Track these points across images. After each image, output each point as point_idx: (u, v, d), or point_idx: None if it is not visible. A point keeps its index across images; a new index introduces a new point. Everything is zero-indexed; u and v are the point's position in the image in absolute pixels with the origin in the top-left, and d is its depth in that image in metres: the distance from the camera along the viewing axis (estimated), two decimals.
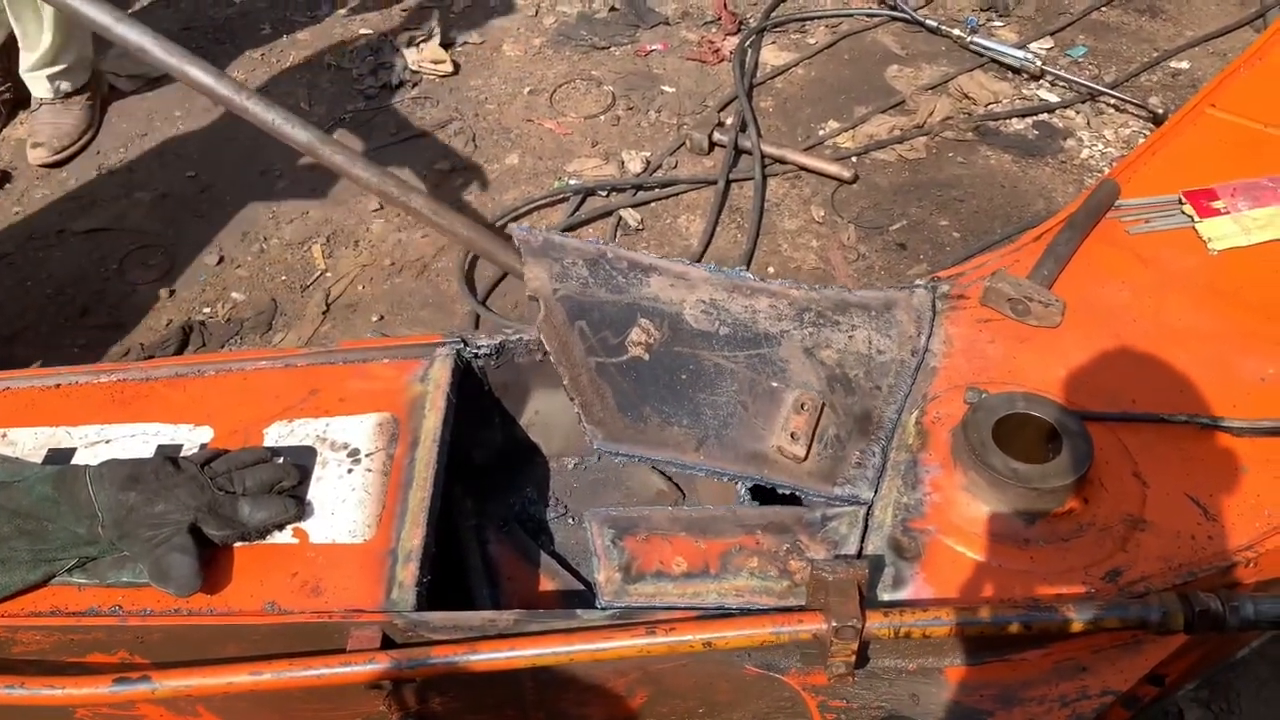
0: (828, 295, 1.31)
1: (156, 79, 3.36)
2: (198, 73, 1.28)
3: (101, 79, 3.26)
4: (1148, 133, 3.08)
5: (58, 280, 2.69)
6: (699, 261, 2.69)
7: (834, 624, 0.92)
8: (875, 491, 1.13)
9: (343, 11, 3.75)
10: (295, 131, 1.30)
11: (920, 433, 1.17)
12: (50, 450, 1.22)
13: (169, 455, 1.16)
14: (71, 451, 1.21)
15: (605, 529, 1.10)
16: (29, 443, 1.23)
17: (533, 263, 1.25)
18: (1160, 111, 3.10)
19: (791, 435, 1.15)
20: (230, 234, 2.82)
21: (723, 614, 1.01)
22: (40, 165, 3.03)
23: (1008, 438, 1.08)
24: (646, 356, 1.21)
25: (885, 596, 1.03)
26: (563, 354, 1.18)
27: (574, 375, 1.17)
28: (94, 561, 1.06)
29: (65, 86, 3.06)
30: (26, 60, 2.98)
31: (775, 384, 1.21)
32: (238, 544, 1.09)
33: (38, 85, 3.04)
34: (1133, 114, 3.15)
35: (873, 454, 1.17)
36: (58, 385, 1.30)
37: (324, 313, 2.58)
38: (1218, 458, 1.11)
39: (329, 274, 2.70)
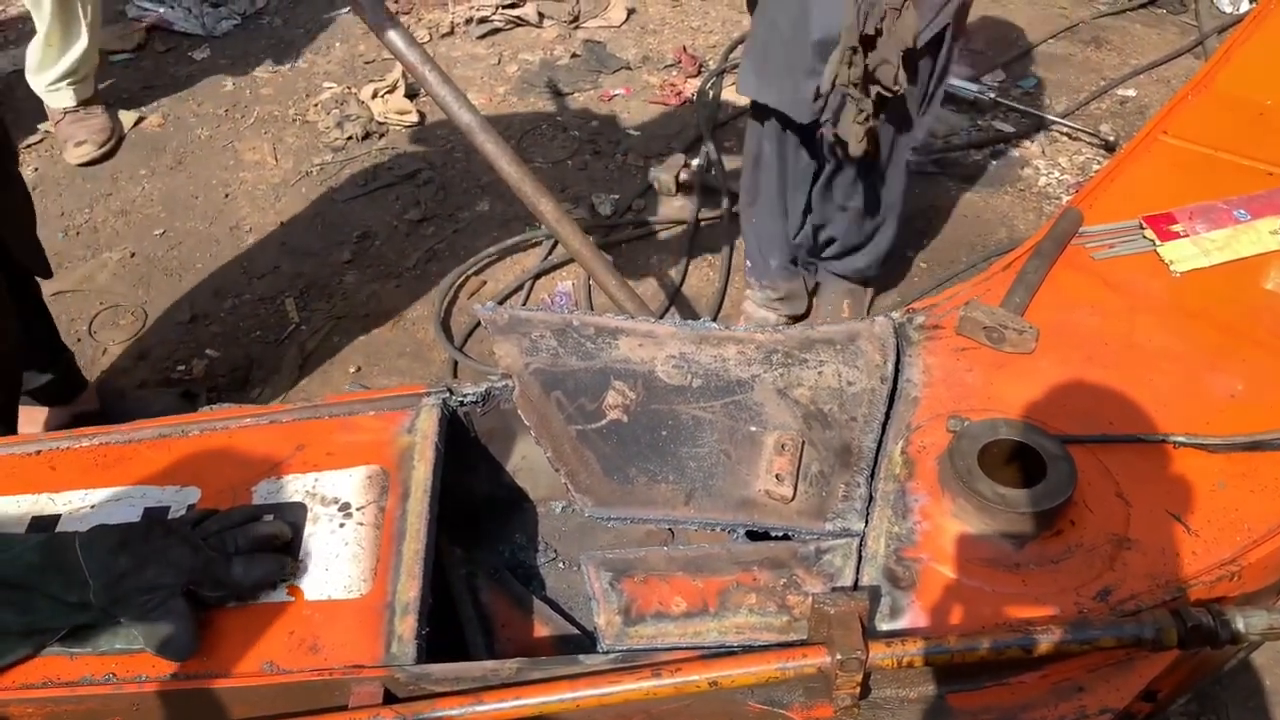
0: (792, 335, 1.34)
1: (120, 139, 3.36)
2: (394, 35, 1.55)
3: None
4: (1101, 159, 3.17)
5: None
6: (673, 301, 2.73)
7: (838, 657, 0.93)
8: (865, 522, 1.14)
9: (304, 65, 3.78)
10: (460, 112, 1.58)
11: (907, 462, 1.18)
12: (33, 518, 1.20)
13: (158, 518, 1.16)
14: (55, 519, 1.19)
15: (602, 572, 1.11)
16: (11, 512, 1.21)
17: (501, 341, 1.27)
18: (1112, 138, 3.19)
19: (776, 477, 1.16)
20: (202, 291, 2.81)
21: (726, 652, 1.01)
22: (83, 163, 3.26)
23: (992, 464, 1.10)
24: (625, 418, 1.22)
25: (884, 626, 1.04)
26: (542, 427, 1.20)
27: (556, 446, 1.19)
28: (86, 629, 1.04)
29: (86, 92, 3.30)
30: (49, 74, 3.18)
31: (754, 429, 1.22)
32: (232, 604, 1.08)
33: (60, 97, 3.25)
34: (1086, 141, 3.24)
35: (858, 485, 1.18)
36: (38, 452, 1.28)
37: (300, 366, 2.57)
38: (1196, 474, 1.14)
39: (304, 327, 2.69)
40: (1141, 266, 1.41)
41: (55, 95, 3.24)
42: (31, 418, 2.36)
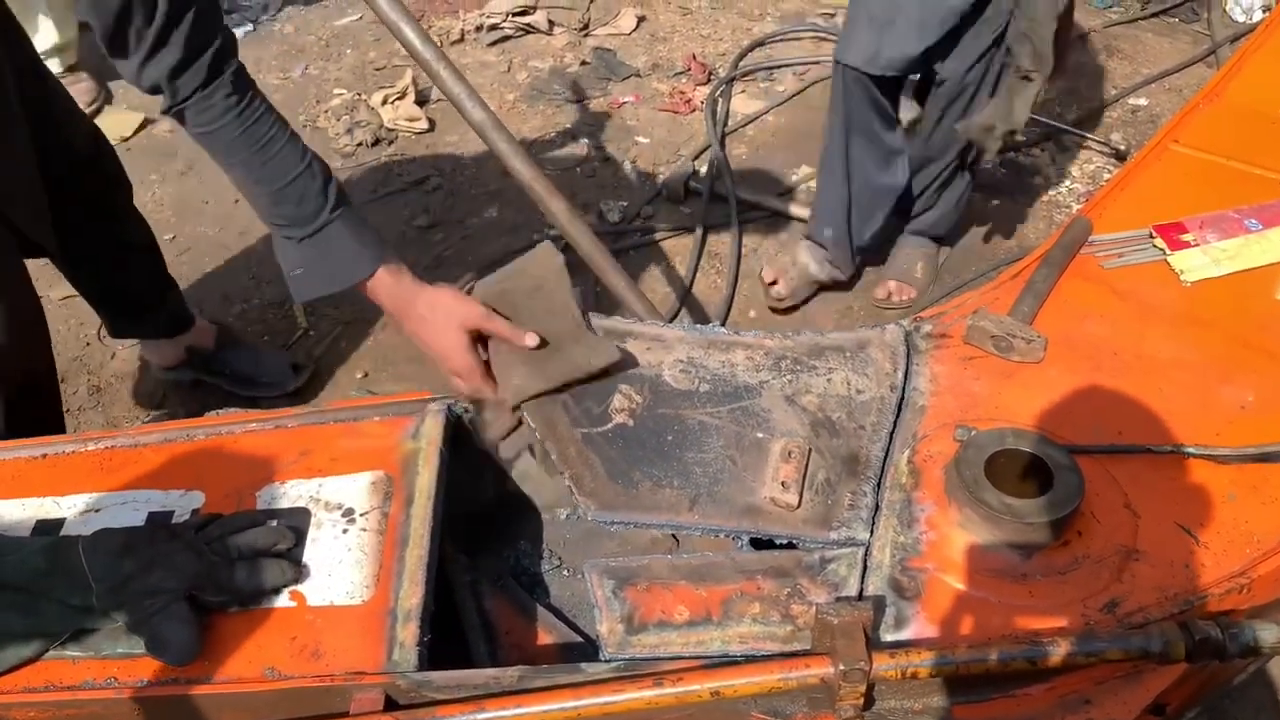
0: (801, 341, 1.33)
1: (126, 137, 3.38)
2: (409, 32, 1.57)
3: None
4: (1112, 168, 3.16)
5: None
6: (681, 307, 2.72)
7: (842, 667, 0.92)
8: (871, 531, 1.13)
9: (315, 72, 3.79)
10: (473, 109, 1.60)
11: (913, 472, 1.18)
12: (39, 522, 1.20)
13: (162, 522, 1.16)
14: (60, 522, 1.20)
15: (605, 580, 1.10)
16: (16, 515, 1.21)
17: None
18: (1123, 148, 3.18)
19: (782, 484, 1.16)
20: (210, 296, 2.81)
21: (729, 661, 1.01)
22: None
23: (999, 474, 1.09)
24: (631, 422, 1.22)
25: (889, 637, 1.03)
26: (548, 430, 1.20)
27: (562, 449, 1.19)
28: (88, 633, 1.04)
29: (70, 60, 3.36)
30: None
31: (760, 435, 1.22)
32: (234, 609, 1.08)
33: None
34: (1096, 150, 3.23)
35: (864, 494, 1.17)
36: (44, 455, 1.29)
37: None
38: (1205, 486, 1.13)
39: (311, 333, 2.70)
40: (1151, 276, 1.40)
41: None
42: (149, 348, 2.50)
